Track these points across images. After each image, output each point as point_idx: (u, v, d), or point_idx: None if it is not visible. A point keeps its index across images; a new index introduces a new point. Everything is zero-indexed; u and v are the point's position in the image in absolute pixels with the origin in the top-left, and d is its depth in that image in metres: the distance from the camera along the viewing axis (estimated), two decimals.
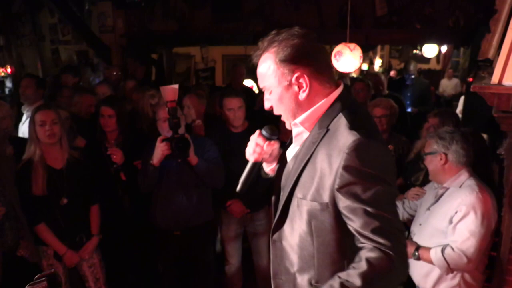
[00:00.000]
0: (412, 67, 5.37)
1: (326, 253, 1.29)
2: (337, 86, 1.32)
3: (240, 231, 3.14)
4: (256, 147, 1.49)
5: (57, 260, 2.57)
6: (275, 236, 1.42)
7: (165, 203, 2.68)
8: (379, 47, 9.37)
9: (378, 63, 9.90)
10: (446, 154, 2.12)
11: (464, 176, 2.13)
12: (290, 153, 1.43)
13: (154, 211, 2.74)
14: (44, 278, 1.01)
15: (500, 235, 1.99)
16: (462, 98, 5.72)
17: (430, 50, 6.45)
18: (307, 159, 1.27)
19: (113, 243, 2.83)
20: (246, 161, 3.14)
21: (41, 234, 2.51)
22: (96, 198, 2.73)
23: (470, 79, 2.42)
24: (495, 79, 1.60)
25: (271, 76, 1.28)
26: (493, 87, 1.58)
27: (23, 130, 3.70)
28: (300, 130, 1.34)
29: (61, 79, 4.72)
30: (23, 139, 2.98)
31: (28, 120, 2.71)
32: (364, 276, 1.14)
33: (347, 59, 3.34)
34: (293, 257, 1.37)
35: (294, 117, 1.33)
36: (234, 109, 2.95)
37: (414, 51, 9.68)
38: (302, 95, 1.27)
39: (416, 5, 4.22)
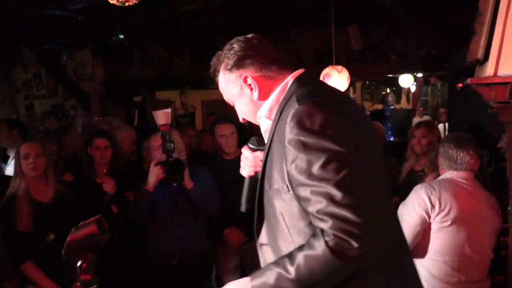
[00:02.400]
0: (390, 98, 5.58)
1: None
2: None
3: (238, 263, 3.00)
4: (245, 160, 1.46)
5: None
6: (260, 239, 1.30)
7: (159, 233, 2.55)
8: (351, 90, 9.74)
9: None
10: None
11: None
12: None
13: (148, 242, 2.60)
14: (92, 220, 1.08)
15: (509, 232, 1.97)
16: (440, 126, 5.94)
17: (406, 80, 6.69)
18: (267, 149, 1.22)
19: (104, 280, 2.60)
20: (241, 188, 3.08)
21: (28, 272, 2.33)
22: None
23: (460, 85, 2.52)
24: (490, 71, 1.66)
25: (227, 88, 1.33)
26: (490, 78, 1.63)
27: (8, 171, 3.57)
28: (266, 124, 1.31)
29: (44, 123, 4.60)
30: (7, 177, 2.85)
31: (13, 161, 2.63)
32: (297, 269, 1.04)
33: (335, 80, 3.44)
34: (273, 257, 1.24)
35: (258, 115, 1.32)
36: (226, 135, 2.94)
37: (384, 92, 10.14)
38: (255, 95, 1.28)
39: (389, 39, 4.46)
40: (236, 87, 1.30)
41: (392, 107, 5.53)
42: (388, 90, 9.71)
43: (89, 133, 3.03)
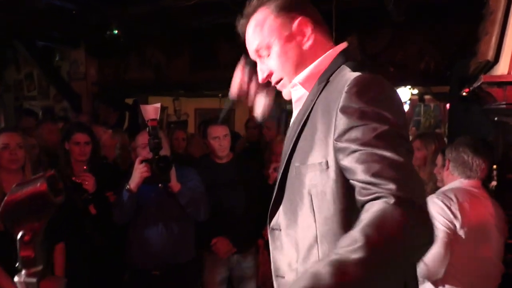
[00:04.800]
0: None
1: (329, 234, 1.00)
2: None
3: (225, 275, 2.82)
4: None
5: None
6: (273, 222, 1.16)
7: (142, 238, 2.39)
8: None
9: None
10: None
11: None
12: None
13: (129, 247, 2.43)
14: (41, 176, 0.78)
15: None
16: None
17: (402, 94, 6.65)
18: (304, 120, 1.06)
19: (80, 287, 2.42)
20: (233, 194, 2.91)
21: None
22: (61, 236, 2.38)
23: (466, 90, 2.41)
24: (503, 70, 1.56)
25: (268, 30, 1.13)
26: (504, 76, 1.54)
27: None
28: (300, 94, 1.15)
29: (22, 122, 4.39)
30: None
31: None
32: (365, 243, 0.75)
33: None
34: (294, 245, 1.09)
35: (297, 73, 1.14)
36: (219, 137, 2.79)
37: None
38: (307, 44, 1.11)
39: (388, 52, 4.40)
40: (284, 31, 1.11)
41: None
42: None
43: (68, 127, 2.86)
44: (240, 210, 2.71)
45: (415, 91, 6.60)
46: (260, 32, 1.14)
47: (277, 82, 1.16)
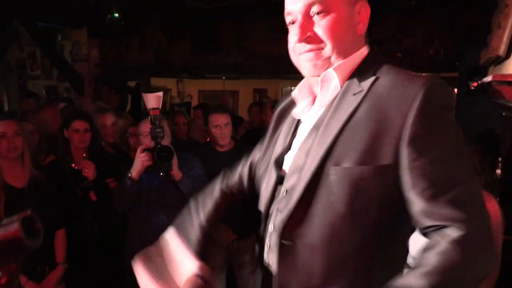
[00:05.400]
0: None
1: (366, 247, 0.93)
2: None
3: (225, 262, 2.82)
4: None
5: None
6: (286, 235, 0.99)
7: (143, 226, 2.37)
8: None
9: None
10: None
11: None
12: (311, 119, 1.06)
13: (131, 234, 2.42)
14: (15, 220, 0.75)
15: None
16: None
17: None
18: (346, 118, 0.93)
19: (80, 273, 2.44)
20: None
21: None
22: (62, 222, 2.39)
23: (475, 84, 2.35)
24: None
25: None
26: None
27: None
28: (328, 85, 1.01)
29: (22, 105, 4.36)
30: None
31: None
32: (434, 275, 0.80)
33: None
34: (316, 261, 0.95)
35: (343, 57, 1.00)
36: (220, 125, 2.76)
37: None
38: (361, 30, 1.01)
39: (396, 36, 4.29)
40: (350, 4, 1.00)
41: None
42: None
43: (68, 115, 2.83)
44: None
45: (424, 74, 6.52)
46: None
47: (315, 50, 1.00)
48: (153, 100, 2.33)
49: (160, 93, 2.41)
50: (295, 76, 1.12)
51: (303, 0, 0.98)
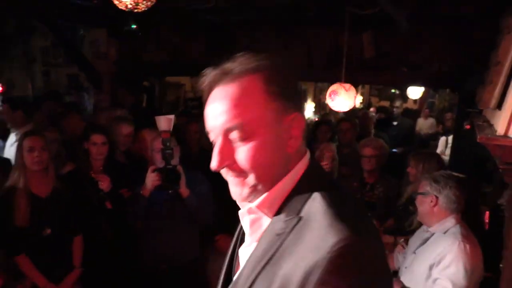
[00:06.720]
0: (398, 104, 5.53)
1: None
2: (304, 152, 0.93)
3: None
4: None
5: None
6: None
7: (152, 237, 2.62)
8: (360, 85, 9.69)
9: (358, 100, 10.18)
10: (437, 198, 2.14)
11: (450, 222, 2.13)
12: (244, 253, 0.95)
13: (140, 245, 2.68)
14: None
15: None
16: (442, 140, 5.90)
17: (414, 92, 6.67)
18: (266, 260, 0.83)
19: (95, 276, 2.73)
20: None
21: (21, 265, 2.41)
22: (79, 229, 2.67)
23: (468, 126, 2.49)
24: (501, 130, 1.61)
25: (257, 111, 0.85)
26: (500, 139, 1.57)
27: (12, 152, 3.64)
28: (256, 217, 0.92)
29: (42, 108, 4.61)
30: (9, 160, 2.94)
31: (15, 144, 2.69)
32: None
33: (342, 98, 3.43)
34: None
35: (271, 184, 0.88)
36: None
37: (393, 90, 10.04)
38: (294, 144, 0.88)
39: (402, 50, 4.39)
40: (276, 121, 0.86)
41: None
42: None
43: (87, 127, 3.10)
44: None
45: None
46: (244, 108, 0.85)
47: (238, 178, 0.89)
48: (164, 123, 2.55)
49: (171, 116, 2.62)
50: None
51: (220, 123, 0.87)
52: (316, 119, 7.42)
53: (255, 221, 0.92)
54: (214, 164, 0.88)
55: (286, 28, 4.87)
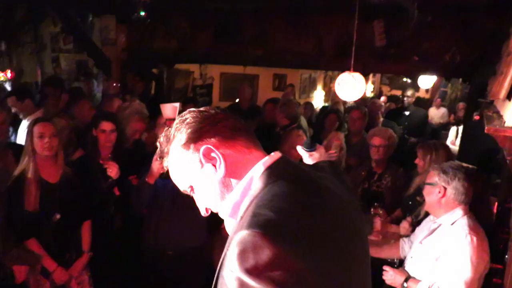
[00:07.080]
0: (409, 93, 5.47)
1: None
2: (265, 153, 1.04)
3: None
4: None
5: (43, 277, 2.51)
6: None
7: (158, 224, 2.66)
8: (370, 74, 9.58)
9: (369, 89, 10.08)
10: (445, 188, 2.13)
11: (458, 214, 2.13)
12: None
13: (147, 230, 2.71)
14: None
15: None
16: (452, 129, 5.84)
17: (425, 81, 6.58)
18: (220, 263, 0.92)
19: (103, 260, 2.78)
20: None
21: (32, 249, 2.44)
22: (88, 214, 2.70)
23: (477, 117, 2.46)
24: (510, 121, 1.61)
25: (183, 169, 1.06)
26: (509, 130, 1.57)
27: (20, 138, 3.68)
28: (232, 225, 1.02)
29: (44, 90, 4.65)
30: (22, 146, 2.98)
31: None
32: None
33: (351, 87, 3.40)
34: None
35: (224, 205, 1.04)
36: None
37: (404, 79, 9.91)
38: (220, 171, 1.00)
39: (414, 39, 4.32)
40: (195, 165, 1.03)
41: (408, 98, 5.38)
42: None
43: (96, 115, 3.11)
44: None
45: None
46: (176, 175, 1.10)
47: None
48: (169, 111, 2.57)
49: (177, 104, 2.64)
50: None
51: (181, 186, 1.12)
52: (325, 107, 7.37)
53: (227, 223, 1.07)
54: (201, 212, 1.14)
55: (296, 16, 4.81)
